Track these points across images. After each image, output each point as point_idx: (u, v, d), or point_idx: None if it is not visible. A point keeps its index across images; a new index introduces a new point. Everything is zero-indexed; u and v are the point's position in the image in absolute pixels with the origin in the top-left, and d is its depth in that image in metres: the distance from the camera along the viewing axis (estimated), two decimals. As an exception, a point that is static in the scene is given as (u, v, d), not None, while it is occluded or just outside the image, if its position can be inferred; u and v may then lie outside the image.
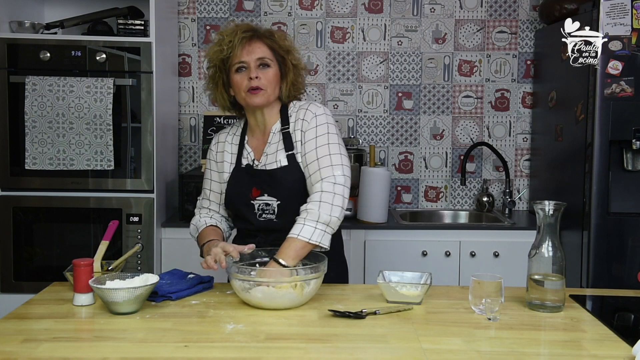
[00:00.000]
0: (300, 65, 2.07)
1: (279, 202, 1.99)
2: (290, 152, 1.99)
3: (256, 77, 1.96)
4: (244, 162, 2.05)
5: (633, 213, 2.77)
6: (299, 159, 1.99)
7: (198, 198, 2.21)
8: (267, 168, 2.01)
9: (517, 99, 3.58)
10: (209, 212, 2.14)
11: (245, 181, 2.03)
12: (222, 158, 2.11)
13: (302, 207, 1.93)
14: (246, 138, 2.09)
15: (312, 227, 1.87)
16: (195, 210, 2.18)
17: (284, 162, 1.99)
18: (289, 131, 2.02)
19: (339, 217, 1.92)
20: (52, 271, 2.84)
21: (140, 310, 1.73)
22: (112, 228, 2.04)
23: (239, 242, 1.98)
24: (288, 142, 2.01)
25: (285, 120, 2.04)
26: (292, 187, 1.98)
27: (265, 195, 2.00)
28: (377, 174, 3.14)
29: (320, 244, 1.89)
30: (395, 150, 3.60)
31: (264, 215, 2.01)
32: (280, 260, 1.83)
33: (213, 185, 2.14)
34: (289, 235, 1.88)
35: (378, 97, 3.57)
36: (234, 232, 2.19)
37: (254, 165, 2.03)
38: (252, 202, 2.02)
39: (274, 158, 2.01)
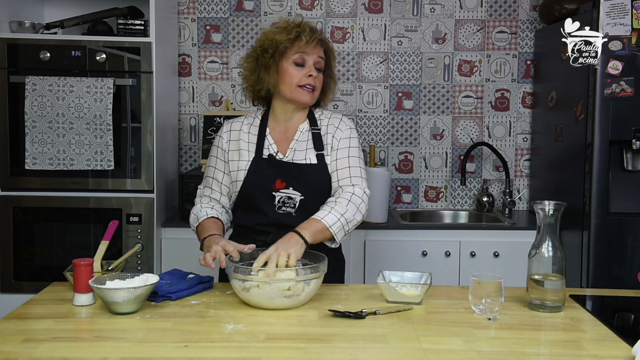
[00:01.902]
0: (335, 79, 2.16)
1: (302, 197, 2.00)
2: (320, 152, 2.03)
3: (314, 77, 2.01)
4: (266, 152, 2.05)
5: (633, 213, 2.77)
6: (328, 161, 2.03)
7: (199, 187, 2.16)
8: (296, 162, 2.02)
9: (517, 99, 3.58)
10: (211, 202, 2.11)
11: (268, 172, 2.01)
12: (237, 147, 2.07)
13: (331, 199, 1.97)
14: (267, 130, 2.08)
15: (337, 217, 1.91)
16: (196, 199, 2.15)
17: (314, 161, 2.02)
18: (320, 133, 2.06)
19: (358, 222, 1.98)
20: (52, 271, 2.84)
21: (140, 310, 1.73)
22: (112, 228, 2.04)
23: (248, 241, 1.95)
24: (318, 142, 2.04)
25: (313, 122, 2.08)
26: (319, 184, 2.01)
27: (290, 188, 2.00)
28: (377, 174, 3.14)
29: (335, 237, 1.92)
30: (395, 150, 3.60)
31: (283, 208, 2.00)
32: (300, 232, 1.85)
33: (217, 174, 2.10)
34: (312, 217, 1.91)
35: (378, 97, 3.57)
36: (230, 231, 2.16)
37: (278, 157, 2.04)
38: (273, 193, 2.00)
39: (303, 155, 2.03)
